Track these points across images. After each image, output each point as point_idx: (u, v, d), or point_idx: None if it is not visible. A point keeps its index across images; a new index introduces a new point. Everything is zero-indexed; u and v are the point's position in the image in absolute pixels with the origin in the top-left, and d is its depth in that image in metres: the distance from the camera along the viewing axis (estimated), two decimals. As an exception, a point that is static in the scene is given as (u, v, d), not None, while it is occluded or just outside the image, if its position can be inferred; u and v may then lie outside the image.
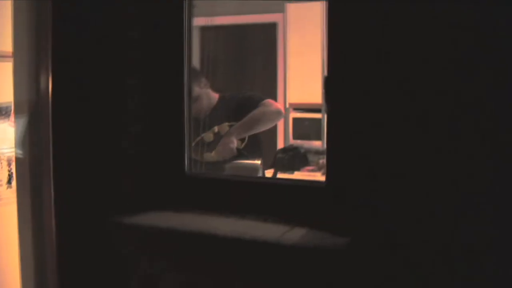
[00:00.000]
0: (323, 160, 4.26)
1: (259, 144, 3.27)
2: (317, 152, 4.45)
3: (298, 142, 4.67)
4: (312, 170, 4.24)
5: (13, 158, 3.58)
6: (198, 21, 2.08)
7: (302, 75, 4.77)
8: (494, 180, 1.44)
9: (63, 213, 1.91)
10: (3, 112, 3.67)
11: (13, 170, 3.65)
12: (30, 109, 1.97)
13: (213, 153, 3.07)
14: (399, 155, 1.54)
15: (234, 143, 3.06)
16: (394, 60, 1.53)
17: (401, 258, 1.54)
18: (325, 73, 1.66)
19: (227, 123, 3.18)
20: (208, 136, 3.14)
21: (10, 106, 3.66)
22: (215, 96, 3.27)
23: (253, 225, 1.69)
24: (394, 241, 1.54)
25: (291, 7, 4.88)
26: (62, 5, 1.91)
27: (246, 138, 3.16)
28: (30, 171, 1.99)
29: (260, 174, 2.94)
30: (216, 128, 3.16)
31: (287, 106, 4.87)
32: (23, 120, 2.00)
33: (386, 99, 1.54)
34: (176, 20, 1.91)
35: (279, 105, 3.41)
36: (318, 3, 4.39)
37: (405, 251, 1.53)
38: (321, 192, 1.69)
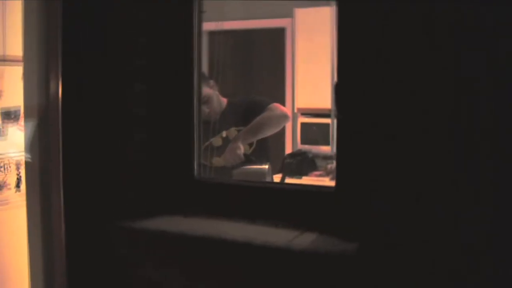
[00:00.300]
0: (331, 165, 4.26)
1: (267, 149, 3.27)
2: (325, 157, 4.44)
3: (306, 147, 4.67)
4: (320, 175, 4.24)
5: (22, 162, 3.61)
6: (207, 26, 2.08)
7: (311, 80, 4.77)
8: (494, 180, 1.43)
9: (72, 217, 1.92)
10: (12, 116, 3.68)
11: (22, 174, 3.67)
12: (40, 113, 1.98)
13: (221, 158, 3.07)
14: (409, 161, 1.53)
15: (241, 148, 3.05)
16: (404, 65, 1.52)
17: (410, 263, 1.53)
18: (334, 78, 1.66)
19: (235, 128, 3.18)
20: (217, 141, 3.14)
21: (19, 110, 3.68)
22: (224, 100, 3.27)
23: (263, 230, 1.69)
24: (403, 246, 1.54)
25: (299, 12, 4.89)
26: (72, 11, 1.92)
27: (254, 143, 3.16)
28: (39, 175, 1.99)
29: (268, 179, 2.93)
30: (224, 133, 3.16)
31: (295, 111, 4.87)
32: (33, 124, 2.01)
33: (396, 104, 1.54)
34: (186, 25, 1.92)
35: (285, 108, 3.40)
36: (327, 8, 4.39)
37: (414, 256, 1.53)
38: (331, 197, 1.69)
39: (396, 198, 1.55)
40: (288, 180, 3.74)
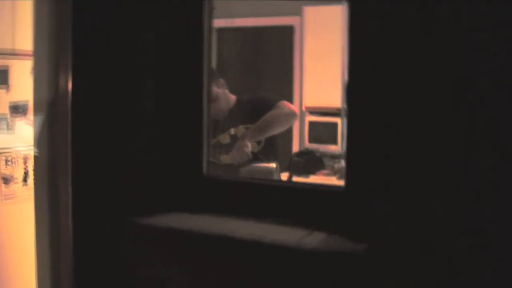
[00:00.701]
0: (338, 164, 4.25)
1: (275, 147, 3.26)
2: (333, 156, 4.44)
3: (314, 146, 4.66)
4: (327, 174, 4.24)
5: (29, 156, 3.61)
6: (216, 23, 2.08)
7: (319, 78, 4.77)
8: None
9: (80, 212, 1.91)
10: (20, 110, 3.69)
11: (29, 168, 3.67)
12: (49, 107, 1.98)
13: (228, 156, 3.07)
14: (419, 160, 1.53)
15: (249, 146, 3.04)
16: (415, 65, 1.52)
17: (420, 263, 1.52)
18: (342, 76, 1.66)
19: (243, 126, 3.17)
20: (225, 138, 3.14)
21: (27, 104, 3.68)
22: (232, 98, 3.26)
23: (271, 229, 1.68)
24: (412, 246, 1.53)
25: (308, 11, 4.88)
26: (83, 5, 1.92)
27: (262, 141, 3.15)
28: (47, 170, 1.99)
29: (275, 178, 2.92)
30: (232, 130, 3.15)
31: (303, 109, 4.87)
32: (42, 119, 2.01)
33: (406, 103, 1.53)
34: (196, 21, 1.91)
35: (293, 106, 3.39)
36: (336, 6, 4.39)
37: (423, 256, 1.52)
38: (340, 196, 1.68)
39: (407, 199, 1.54)
40: (295, 179, 3.74)
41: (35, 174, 2.07)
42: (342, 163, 4.22)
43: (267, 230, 1.67)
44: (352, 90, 1.65)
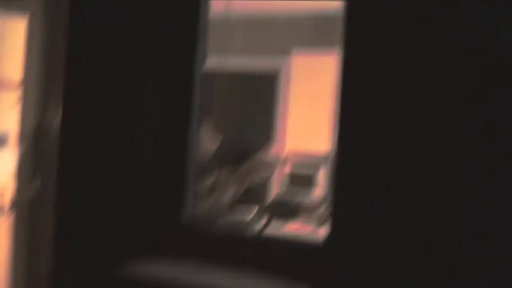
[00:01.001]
0: (318, 212, 4.23)
1: (255, 194, 3.25)
2: (312, 203, 4.42)
3: (293, 192, 4.65)
4: (306, 222, 4.21)
5: (5, 189, 3.55)
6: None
7: (302, 124, 4.78)
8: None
9: (59, 251, 1.88)
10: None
11: (3, 202, 3.60)
12: (35, 138, 1.96)
13: (208, 205, 3.04)
14: (403, 215, 1.53)
15: (229, 195, 3.04)
16: (407, 115, 1.54)
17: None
18: (327, 123, 1.67)
19: (225, 170, 3.16)
20: (206, 184, 3.12)
21: (7, 135, 3.63)
22: (215, 140, 3.26)
23: (251, 283, 1.65)
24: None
25: (296, 56, 4.93)
26: (75, 36, 1.92)
27: (242, 189, 3.15)
28: (28, 203, 1.96)
29: (254, 225, 2.91)
30: (214, 176, 3.14)
31: (285, 155, 4.86)
32: (26, 150, 1.99)
33: (399, 155, 1.54)
34: (187, 63, 1.91)
35: (275, 154, 3.41)
36: (324, 54, 4.45)
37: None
38: (321, 251, 1.66)
39: (390, 253, 1.54)
40: (273, 226, 3.71)
41: (15, 207, 2.03)
42: (322, 210, 4.21)
43: (247, 284, 1.64)
44: (341, 138, 1.65)
